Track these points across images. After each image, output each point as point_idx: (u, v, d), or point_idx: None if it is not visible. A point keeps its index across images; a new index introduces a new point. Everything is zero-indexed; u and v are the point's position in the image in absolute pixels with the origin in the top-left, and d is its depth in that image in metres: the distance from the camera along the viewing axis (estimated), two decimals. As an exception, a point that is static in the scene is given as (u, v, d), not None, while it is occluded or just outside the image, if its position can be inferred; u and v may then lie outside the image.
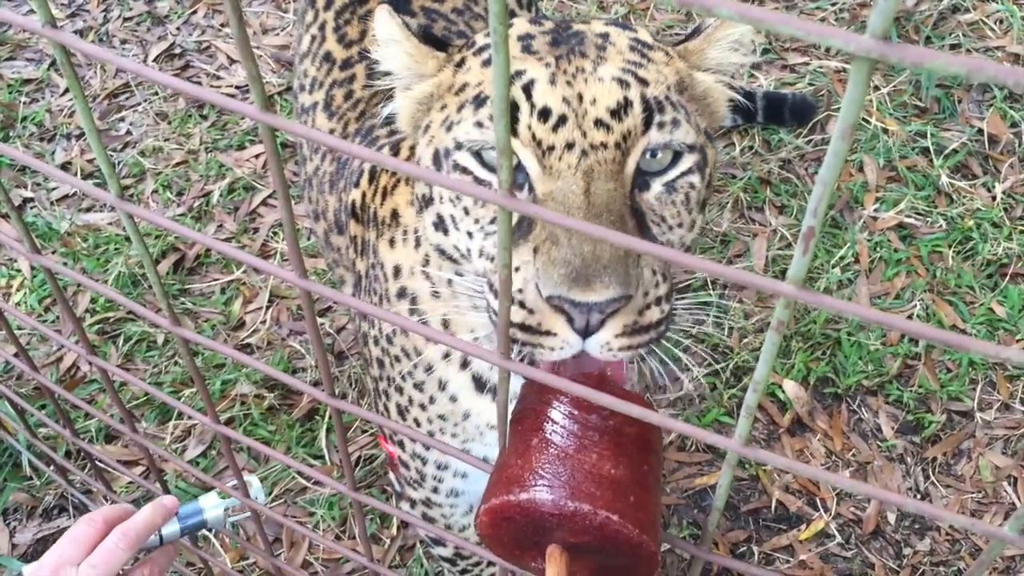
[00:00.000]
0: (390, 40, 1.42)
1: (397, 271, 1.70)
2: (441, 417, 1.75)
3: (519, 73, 1.26)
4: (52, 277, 1.33)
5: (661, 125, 1.25)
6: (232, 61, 3.91)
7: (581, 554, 0.95)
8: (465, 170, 1.30)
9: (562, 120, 1.22)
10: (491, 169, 1.29)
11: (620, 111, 1.23)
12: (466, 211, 1.32)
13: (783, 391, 2.90)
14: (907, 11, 3.89)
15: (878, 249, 3.21)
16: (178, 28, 4.06)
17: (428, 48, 1.42)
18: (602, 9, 4.07)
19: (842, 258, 3.18)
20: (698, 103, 1.36)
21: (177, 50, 3.96)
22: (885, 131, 3.51)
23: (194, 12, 4.12)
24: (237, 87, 3.81)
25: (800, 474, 0.79)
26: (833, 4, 4.00)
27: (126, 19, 4.10)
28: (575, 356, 1.18)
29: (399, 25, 1.41)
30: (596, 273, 1.10)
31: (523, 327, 1.19)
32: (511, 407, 1.02)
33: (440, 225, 1.37)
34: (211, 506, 1.55)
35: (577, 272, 1.10)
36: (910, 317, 3.05)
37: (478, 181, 1.30)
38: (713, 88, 1.39)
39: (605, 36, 1.31)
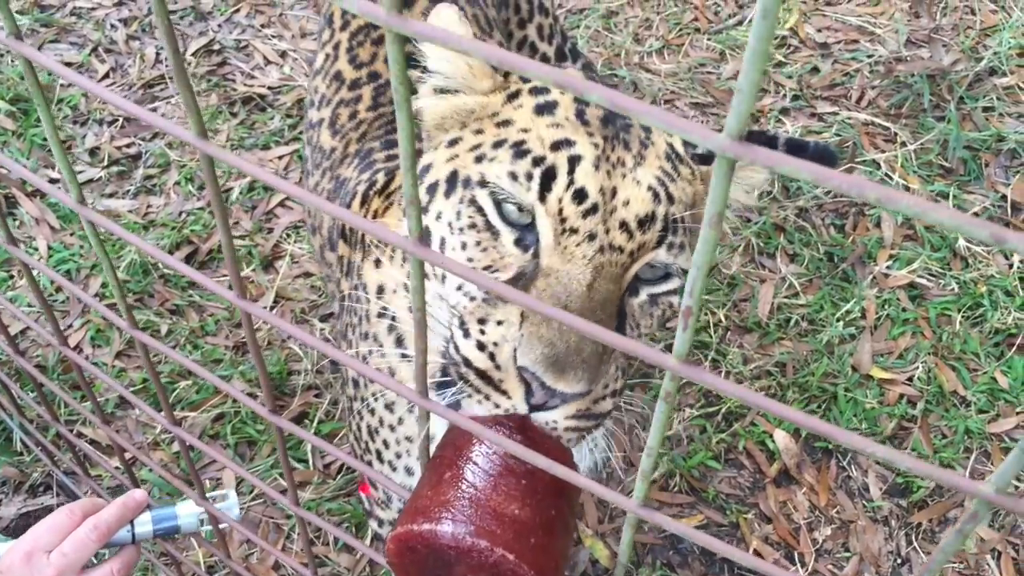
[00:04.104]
0: None
1: (380, 290, 1.71)
2: (408, 439, 1.76)
3: (569, 142, 1.25)
4: (28, 269, 1.37)
5: (671, 246, 1.26)
6: (268, 62, 3.98)
7: (480, 593, 0.96)
8: (480, 210, 1.27)
9: (593, 209, 1.21)
10: (507, 221, 1.26)
11: (646, 223, 1.23)
12: (464, 245, 1.28)
13: (773, 440, 2.88)
14: (943, 69, 3.86)
15: (886, 307, 3.19)
16: (219, 25, 4.13)
17: (490, 67, 1.35)
18: (637, 42, 4.08)
19: (848, 312, 3.16)
20: (699, 222, 1.37)
21: (216, 47, 4.03)
22: (907, 188, 3.48)
23: (237, 11, 4.20)
24: (270, 88, 3.87)
25: (699, 543, 0.81)
26: (869, 56, 3.98)
27: (170, 12, 4.18)
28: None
29: (468, 32, 1.33)
30: (573, 364, 1.11)
31: (483, 375, 1.17)
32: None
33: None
34: (185, 513, 1.61)
35: (558, 357, 1.11)
36: (911, 379, 3.02)
37: (488, 226, 1.27)
38: None
39: (648, 131, 1.31)
